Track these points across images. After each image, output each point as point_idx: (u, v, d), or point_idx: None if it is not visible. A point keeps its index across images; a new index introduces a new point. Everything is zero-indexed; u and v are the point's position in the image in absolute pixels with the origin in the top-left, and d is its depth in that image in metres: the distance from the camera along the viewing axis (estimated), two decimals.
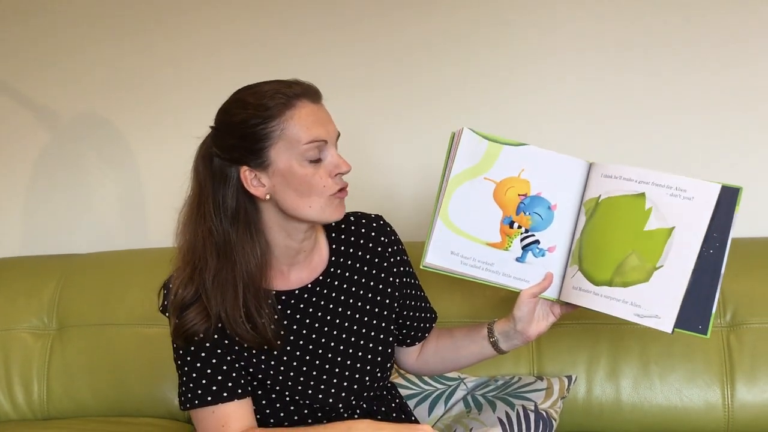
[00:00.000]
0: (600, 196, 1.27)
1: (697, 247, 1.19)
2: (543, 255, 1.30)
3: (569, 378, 1.63)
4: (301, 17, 2.02)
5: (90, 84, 2.13)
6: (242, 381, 1.26)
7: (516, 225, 1.30)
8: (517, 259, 1.30)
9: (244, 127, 1.18)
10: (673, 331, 1.19)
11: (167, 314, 1.27)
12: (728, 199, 1.20)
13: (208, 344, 1.24)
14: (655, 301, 1.20)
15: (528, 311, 1.30)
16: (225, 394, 1.23)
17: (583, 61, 1.90)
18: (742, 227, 1.71)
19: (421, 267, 1.31)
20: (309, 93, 1.21)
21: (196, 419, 1.26)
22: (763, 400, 1.60)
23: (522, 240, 1.30)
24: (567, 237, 1.30)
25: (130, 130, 2.13)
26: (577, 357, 1.68)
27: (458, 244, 1.30)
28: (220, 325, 1.24)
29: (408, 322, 1.42)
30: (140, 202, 2.14)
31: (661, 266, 1.20)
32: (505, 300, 1.33)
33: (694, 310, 1.19)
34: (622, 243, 1.23)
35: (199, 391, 1.24)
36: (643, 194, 1.23)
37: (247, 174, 1.19)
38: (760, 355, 1.61)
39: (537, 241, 1.30)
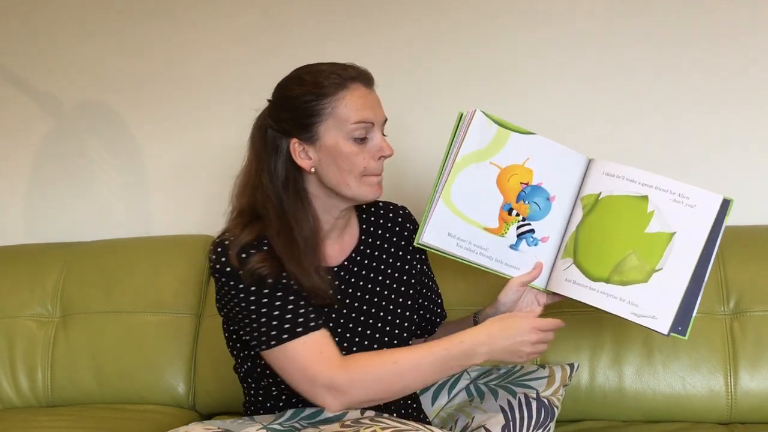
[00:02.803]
0: (601, 193, 1.29)
1: (697, 255, 1.22)
2: (536, 245, 1.32)
3: (571, 366, 1.63)
4: (305, 10, 2.01)
5: (94, 72, 2.14)
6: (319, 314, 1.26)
7: (514, 212, 1.31)
8: (511, 246, 1.32)
9: (297, 102, 1.25)
10: (669, 333, 1.22)
11: (218, 275, 1.25)
12: (721, 210, 1.23)
13: (284, 281, 1.24)
14: (652, 302, 1.23)
15: (514, 299, 1.33)
16: (312, 324, 1.22)
17: (583, 60, 1.89)
18: (746, 215, 1.71)
19: (415, 244, 1.33)
20: (363, 77, 1.27)
21: (285, 356, 1.22)
22: (766, 388, 1.59)
23: (518, 228, 1.32)
24: (560, 229, 1.32)
25: (133, 119, 2.13)
26: (580, 344, 1.67)
27: (456, 227, 1.31)
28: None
29: (421, 312, 1.46)
30: (143, 190, 2.14)
31: (660, 269, 1.23)
32: None
33: (679, 314, 1.23)
34: (623, 242, 1.26)
35: (287, 326, 1.21)
36: (646, 197, 1.25)
37: (296, 146, 1.26)
38: (764, 342, 1.61)
39: (532, 231, 1.32)
